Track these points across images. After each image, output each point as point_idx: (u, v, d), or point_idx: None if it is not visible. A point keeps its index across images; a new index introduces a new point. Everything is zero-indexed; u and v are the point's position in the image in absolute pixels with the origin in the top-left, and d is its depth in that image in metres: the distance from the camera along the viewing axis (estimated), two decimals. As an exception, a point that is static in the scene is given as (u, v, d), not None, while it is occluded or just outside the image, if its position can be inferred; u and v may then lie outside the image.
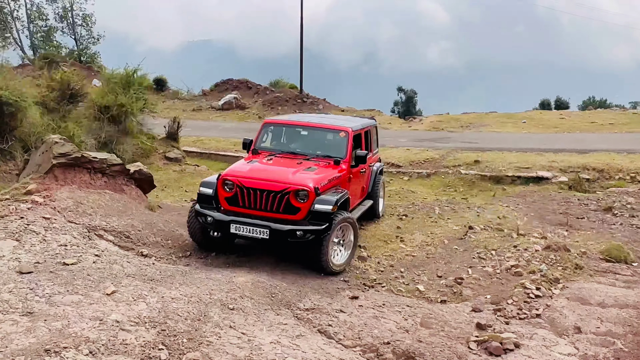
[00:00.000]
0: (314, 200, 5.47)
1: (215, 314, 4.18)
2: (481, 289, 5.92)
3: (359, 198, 7.40)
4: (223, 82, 29.45)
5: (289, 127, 7.44)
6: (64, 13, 31.79)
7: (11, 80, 9.20)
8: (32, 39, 31.55)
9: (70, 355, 3.18)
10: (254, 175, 5.78)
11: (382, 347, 4.24)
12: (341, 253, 5.96)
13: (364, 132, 7.49)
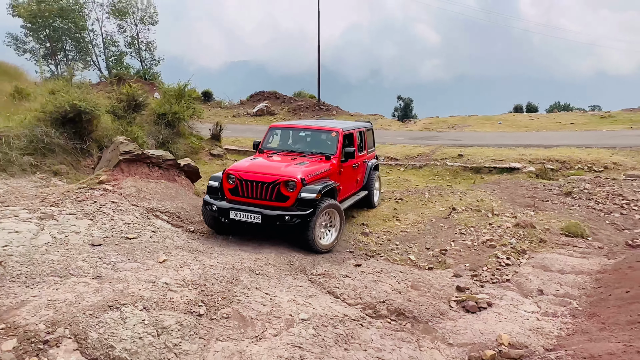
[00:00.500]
0: (301, 189, 5.20)
1: (244, 278, 4.17)
2: (461, 258, 5.82)
3: (354, 189, 7.07)
4: (256, 94, 29.42)
5: (290, 130, 7.16)
6: (131, 41, 32.08)
7: (88, 94, 9.27)
8: (107, 62, 31.94)
9: (129, 310, 3.22)
10: (251, 169, 5.56)
11: (379, 305, 4.19)
12: (329, 235, 5.68)
13: (356, 132, 7.14)
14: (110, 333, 2.92)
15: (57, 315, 3.01)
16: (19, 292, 3.32)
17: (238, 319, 3.45)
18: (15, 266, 3.73)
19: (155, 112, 11.81)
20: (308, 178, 5.38)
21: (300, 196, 5.19)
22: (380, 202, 8.42)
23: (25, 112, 8.81)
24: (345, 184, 6.48)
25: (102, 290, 3.43)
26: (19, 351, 2.66)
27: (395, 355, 3.34)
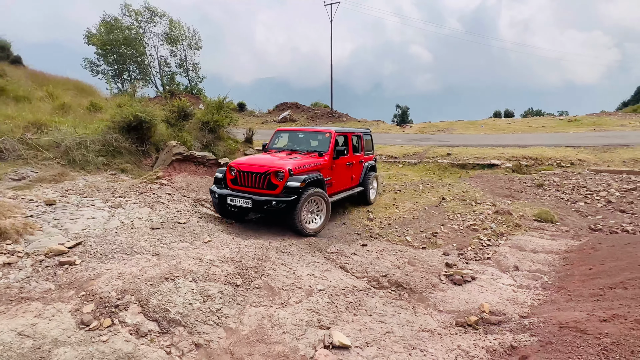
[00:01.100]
0: (288, 179, 4.93)
1: (272, 256, 4.18)
2: (450, 239, 5.72)
3: (348, 184, 6.65)
4: (281, 104, 29.36)
5: (291, 133, 6.84)
6: (181, 63, 32.34)
7: (147, 107, 9.38)
8: (162, 80, 32.29)
9: (181, 281, 3.25)
10: (249, 162, 5.29)
11: (381, 278, 4.15)
12: (317, 220, 5.37)
13: (352, 135, 6.80)
14: (166, 300, 2.96)
15: (125, 285, 3.07)
16: (95, 266, 3.40)
17: (267, 289, 3.46)
18: (92, 245, 3.82)
19: (200, 120, 11.86)
20: (296, 169, 5.09)
21: (287, 184, 4.92)
22: (382, 193, 8.33)
23: (98, 122, 8.98)
24: (337, 178, 6.17)
25: (159, 265, 3.48)
26: (95, 313, 2.73)
27: (395, 320, 3.30)
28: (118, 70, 29.70)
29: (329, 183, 5.77)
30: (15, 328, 2.40)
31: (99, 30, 27.59)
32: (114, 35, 27.60)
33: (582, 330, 2.72)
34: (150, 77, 31.85)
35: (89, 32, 27.72)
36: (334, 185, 5.97)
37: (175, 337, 2.71)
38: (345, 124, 23.69)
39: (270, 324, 2.94)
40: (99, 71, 29.28)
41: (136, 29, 29.07)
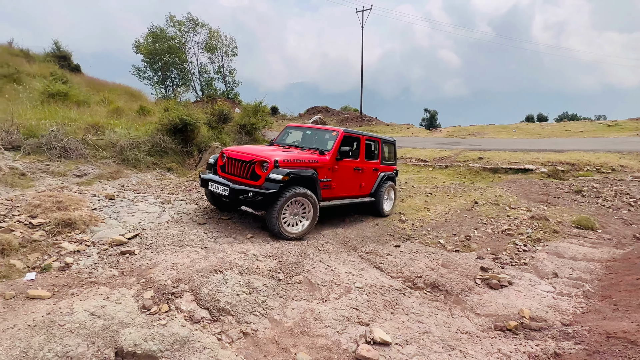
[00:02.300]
0: (271, 170, 4.38)
1: (310, 253, 4.24)
2: (484, 243, 5.55)
3: (355, 192, 5.87)
4: (311, 108, 29.59)
5: (300, 129, 6.30)
6: (218, 69, 33.38)
7: (191, 111, 9.80)
8: (201, 86, 33.48)
9: (228, 273, 3.37)
10: (239, 150, 4.88)
11: (416, 279, 4.11)
12: (299, 224, 4.67)
13: (365, 139, 6.05)
14: (216, 290, 3.09)
15: (179, 275, 3.23)
16: (152, 256, 3.60)
17: (308, 284, 3.52)
18: (148, 237, 4.04)
19: (238, 123, 12.24)
20: (284, 162, 4.50)
21: (268, 176, 4.36)
22: (413, 195, 8.20)
23: (147, 125, 9.48)
24: (340, 182, 5.41)
25: (208, 258, 3.62)
26: (154, 299, 2.90)
27: (432, 320, 3.26)
28: (162, 76, 31.12)
29: (326, 185, 5.10)
30: (88, 309, 2.59)
31: (146, 40, 29.07)
32: (159, 44, 28.97)
33: (632, 341, 2.56)
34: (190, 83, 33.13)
35: (137, 42, 29.28)
36: (334, 188, 5.30)
37: (225, 325, 2.82)
38: (374, 128, 23.52)
39: (312, 318, 2.99)
40: (145, 77, 30.82)
41: (179, 39, 30.35)
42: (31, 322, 2.38)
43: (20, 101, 9.01)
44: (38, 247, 3.41)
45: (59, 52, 16.67)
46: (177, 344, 2.49)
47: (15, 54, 14.72)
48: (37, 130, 7.08)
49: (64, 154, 6.83)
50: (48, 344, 2.20)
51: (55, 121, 7.71)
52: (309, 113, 28.59)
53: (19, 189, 5.04)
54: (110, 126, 8.58)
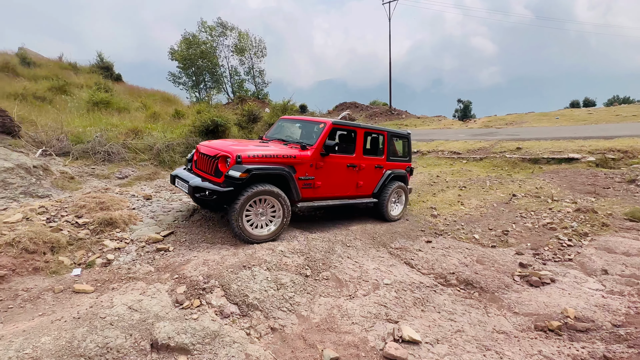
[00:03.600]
0: (231, 167, 3.92)
1: (338, 249, 4.21)
2: (523, 238, 5.22)
3: (351, 191, 5.21)
4: (340, 104, 29.42)
5: (292, 122, 5.69)
6: (248, 70, 34.09)
7: (222, 112, 10.09)
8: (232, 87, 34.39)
9: (257, 269, 3.42)
10: (209, 145, 4.54)
11: (449, 276, 3.95)
12: (267, 226, 4.16)
13: (362, 131, 5.26)
14: (245, 286, 3.15)
15: (209, 271, 3.33)
16: (185, 253, 3.74)
17: (335, 281, 3.49)
18: (182, 235, 4.20)
19: (267, 122, 12.45)
20: (248, 158, 3.98)
21: (227, 173, 3.90)
22: (446, 189, 7.89)
23: (182, 127, 9.87)
24: (327, 180, 4.78)
25: (237, 254, 3.69)
26: (187, 294, 3.00)
27: (465, 319, 3.11)
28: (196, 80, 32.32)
29: (307, 183, 4.54)
30: (126, 302, 2.73)
31: (180, 46, 30.30)
32: (192, 50, 30.09)
33: (697, 345, 2.29)
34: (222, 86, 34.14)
35: (172, 49, 30.60)
36: (319, 187, 4.69)
37: (254, 320, 2.87)
38: (404, 121, 22.96)
39: (340, 314, 2.96)
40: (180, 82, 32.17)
41: (210, 43, 31.33)
42: (76, 314, 2.54)
43: (68, 110, 9.73)
44: (83, 245, 3.65)
45: (102, 63, 17.80)
46: (207, 338, 2.56)
47: (64, 67, 15.90)
48: (84, 137, 7.60)
49: (107, 157, 7.28)
50: (90, 335, 2.34)
51: (99, 127, 8.25)
52: (338, 109, 28.44)
53: (68, 191, 5.43)
54: (148, 130, 9.03)
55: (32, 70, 13.51)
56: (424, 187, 8.18)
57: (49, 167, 5.93)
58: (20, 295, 2.83)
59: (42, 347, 2.18)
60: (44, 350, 2.16)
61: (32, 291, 2.90)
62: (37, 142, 6.93)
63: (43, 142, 6.98)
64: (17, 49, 16.32)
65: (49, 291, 2.92)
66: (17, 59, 14.22)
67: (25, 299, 2.81)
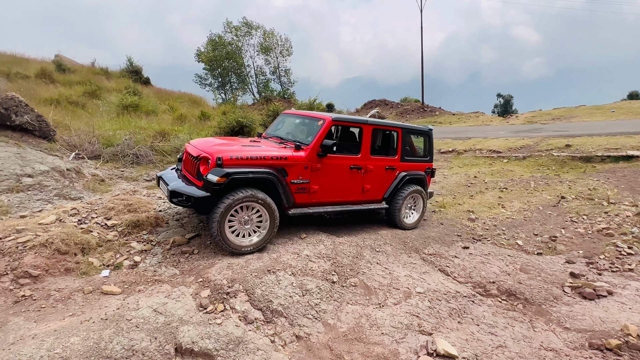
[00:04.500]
0: (210, 170, 3.67)
1: (367, 254, 4.13)
2: (574, 245, 4.89)
3: (356, 196, 4.80)
4: (369, 102, 29.16)
5: (291, 117, 5.29)
6: (274, 70, 34.67)
7: (247, 113, 10.30)
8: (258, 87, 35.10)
9: (281, 274, 3.43)
10: (195, 144, 4.29)
11: (488, 285, 3.76)
12: (251, 236, 3.89)
13: (370, 129, 4.76)
14: (269, 291, 3.16)
15: (234, 275, 3.37)
16: (210, 256, 3.81)
17: (363, 288, 3.43)
18: (207, 237, 4.29)
19: (293, 122, 12.59)
20: (230, 159, 3.71)
21: (205, 176, 3.67)
22: (485, 191, 7.57)
23: (208, 128, 10.18)
24: (326, 185, 4.41)
25: (262, 258, 3.72)
26: (211, 298, 3.06)
27: (508, 333, 2.94)
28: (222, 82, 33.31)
29: (302, 188, 4.20)
30: (151, 305, 2.83)
31: (206, 48, 31.36)
32: (218, 51, 31.05)
33: None
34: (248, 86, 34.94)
35: (198, 51, 31.74)
36: (316, 192, 4.35)
37: (278, 327, 2.87)
38: (438, 118, 22.37)
39: (368, 324, 2.90)
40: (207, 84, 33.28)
41: (236, 43, 32.18)
42: (104, 315, 2.66)
43: (100, 114, 10.32)
44: (112, 247, 3.83)
45: (132, 67, 18.75)
46: (231, 344, 2.59)
47: (96, 73, 16.92)
48: (114, 140, 8.02)
49: (136, 160, 7.64)
50: (117, 337, 2.43)
51: (128, 131, 8.67)
52: (366, 107, 28.21)
53: (98, 193, 5.74)
54: (175, 132, 9.38)
55: (67, 76, 14.48)
56: (460, 189, 7.90)
57: (81, 170, 6.30)
58: (53, 295, 3.01)
59: (72, 347, 2.29)
60: (73, 350, 2.27)
61: (64, 291, 3.07)
62: (71, 145, 7.40)
63: (76, 145, 7.43)
64: (54, 56, 17.58)
65: (79, 292, 3.08)
66: (54, 65, 15.30)
67: (57, 298, 2.98)
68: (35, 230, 3.65)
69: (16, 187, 5.03)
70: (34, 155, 5.94)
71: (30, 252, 3.35)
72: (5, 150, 5.68)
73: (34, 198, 4.98)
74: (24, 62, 14.93)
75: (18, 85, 10.07)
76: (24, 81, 11.58)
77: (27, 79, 12.05)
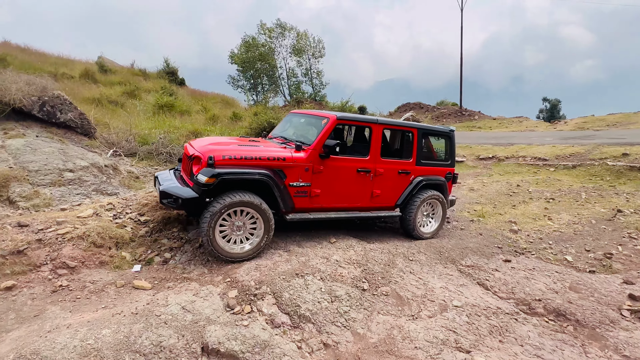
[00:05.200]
0: (200, 170, 3.51)
1: (399, 262, 4.01)
2: (632, 264, 4.50)
3: (363, 202, 4.53)
4: (403, 105, 28.71)
5: (298, 116, 5.04)
6: (306, 72, 35.01)
7: (278, 113, 10.45)
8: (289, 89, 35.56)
9: (310, 278, 3.39)
10: (194, 144, 4.13)
11: (534, 303, 3.53)
12: (245, 242, 3.72)
13: (380, 128, 4.47)
14: (297, 295, 3.13)
15: (261, 276, 3.38)
16: (238, 256, 3.85)
17: (396, 298, 3.32)
18: (235, 237, 4.36)
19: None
20: (223, 159, 3.55)
21: (195, 177, 3.54)
22: (529, 201, 7.18)
23: (239, 129, 10.42)
24: (329, 189, 4.18)
25: (290, 261, 3.71)
26: (238, 299, 3.07)
27: (556, 357, 2.74)
28: (254, 83, 34.07)
29: (302, 191, 3.99)
30: (180, 302, 2.88)
31: (240, 49, 32.26)
32: (251, 52, 31.83)
33: None
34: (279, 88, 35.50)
35: (232, 53, 32.70)
36: (318, 196, 4.12)
37: (305, 333, 2.83)
38: (477, 123, 21.63)
39: (401, 336, 2.79)
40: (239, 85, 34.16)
41: (269, 45, 32.85)
42: (134, 310, 2.74)
43: (137, 113, 10.84)
44: (144, 242, 3.97)
45: (168, 68, 19.61)
46: (257, 347, 2.58)
47: (135, 74, 17.84)
48: (149, 138, 8.38)
49: (169, 158, 7.93)
50: (146, 332, 2.49)
51: (162, 130, 9.04)
52: (400, 111, 27.80)
53: (133, 190, 6.00)
54: (207, 132, 9.67)
55: (108, 76, 15.37)
56: (500, 198, 7.54)
57: (118, 166, 6.62)
58: (87, 287, 3.15)
59: (103, 339, 2.37)
60: (104, 342, 2.35)
61: (98, 284, 3.20)
62: (109, 143, 7.81)
63: (114, 143, 7.84)
64: (97, 57, 18.74)
65: (112, 285, 3.20)
66: (97, 66, 16.30)
67: (92, 290, 3.12)
68: (74, 223, 3.85)
69: (58, 181, 5.35)
70: (75, 151, 6.31)
71: (68, 243, 3.54)
72: (50, 146, 6.08)
73: (73, 192, 5.28)
74: (70, 63, 16.01)
75: (64, 85, 10.79)
76: (69, 81, 12.40)
77: (72, 79, 12.91)
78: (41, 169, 5.39)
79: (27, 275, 3.17)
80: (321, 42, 34.14)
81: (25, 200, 4.75)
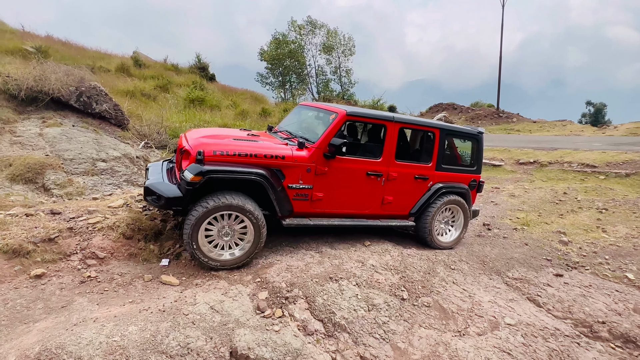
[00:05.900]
0: (187, 167, 3.13)
1: (440, 271, 3.73)
2: None
3: (371, 208, 4.07)
4: (435, 105, 27.94)
5: (305, 109, 4.63)
6: (335, 70, 34.81)
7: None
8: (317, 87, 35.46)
9: (345, 283, 3.19)
10: (187, 135, 3.72)
11: (596, 325, 3.16)
12: (233, 249, 3.35)
13: (397, 127, 3.98)
14: (331, 301, 2.93)
15: (293, 278, 3.20)
16: (268, 255, 3.69)
17: (439, 310, 3.06)
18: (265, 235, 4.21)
19: (354, 123, 12.37)
20: (213, 155, 3.16)
21: (182, 173, 3.17)
22: (578, 210, 6.65)
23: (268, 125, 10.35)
24: (334, 192, 3.76)
25: (323, 263, 3.52)
26: (269, 301, 2.91)
27: (630, 391, 2.39)
28: (282, 80, 34.21)
29: (302, 194, 3.60)
30: (208, 302, 2.75)
31: (269, 47, 32.47)
32: (281, 49, 31.95)
33: None
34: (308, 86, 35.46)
35: (262, 50, 32.97)
36: (321, 201, 3.73)
37: (341, 343, 2.62)
38: (515, 126, 20.68)
39: (447, 354, 2.53)
40: (268, 82, 34.41)
41: (299, 42, 32.87)
42: (161, 306, 2.62)
43: (168, 107, 11.01)
44: (172, 236, 3.89)
45: (200, 64, 19.94)
46: (289, 356, 2.40)
47: (168, 68, 18.25)
48: (179, 131, 8.44)
49: (198, 152, 7.95)
50: (173, 331, 2.37)
51: (193, 123, 9.09)
52: (432, 111, 27.06)
53: (163, 182, 6.01)
54: (236, 127, 9.66)
55: (142, 71, 15.77)
56: (545, 206, 7.04)
57: (149, 158, 6.66)
58: (115, 280, 3.08)
59: (129, 336, 2.26)
60: (130, 340, 2.23)
61: (126, 276, 3.13)
62: (141, 135, 7.91)
63: (146, 135, 7.93)
64: (132, 52, 19.32)
65: (140, 278, 3.12)
66: (132, 61, 16.78)
67: (119, 283, 3.04)
68: (104, 213, 3.82)
69: (91, 170, 5.42)
70: (108, 142, 6.40)
71: (98, 233, 3.50)
72: (85, 136, 6.19)
73: (105, 182, 5.32)
74: (107, 57, 16.57)
75: (100, 78, 11.11)
76: (106, 74, 12.79)
77: (108, 73, 13.31)
78: (76, 158, 5.47)
79: (57, 264, 3.15)
80: (352, 39, 33.80)
81: (59, 188, 4.81)
